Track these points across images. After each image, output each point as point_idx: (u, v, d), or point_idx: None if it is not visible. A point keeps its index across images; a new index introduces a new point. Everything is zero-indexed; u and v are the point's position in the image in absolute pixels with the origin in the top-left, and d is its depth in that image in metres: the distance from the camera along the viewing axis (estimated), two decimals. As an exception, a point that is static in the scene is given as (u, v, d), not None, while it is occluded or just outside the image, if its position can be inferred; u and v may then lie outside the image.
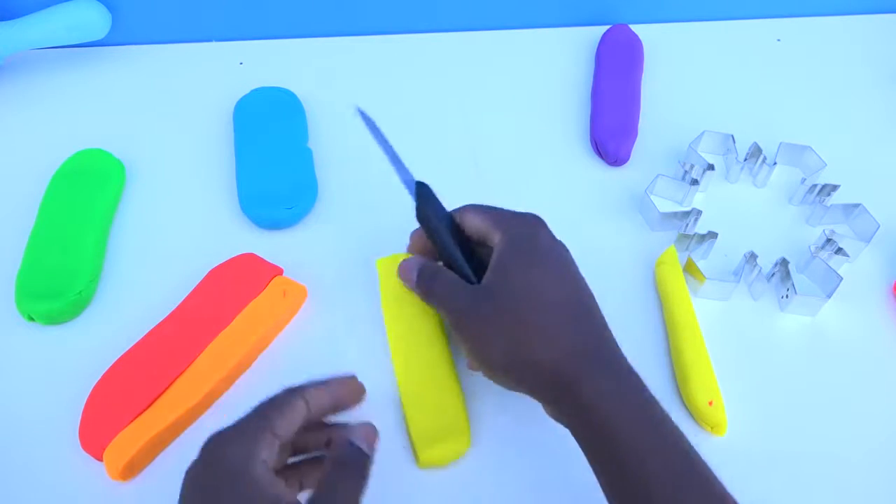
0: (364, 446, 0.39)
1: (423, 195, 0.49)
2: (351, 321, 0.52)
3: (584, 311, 0.44)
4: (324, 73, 0.67)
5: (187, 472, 0.37)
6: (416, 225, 0.50)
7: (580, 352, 0.42)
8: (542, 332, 0.42)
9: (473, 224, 0.47)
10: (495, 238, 0.46)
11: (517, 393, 0.44)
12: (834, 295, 0.52)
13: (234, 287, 0.51)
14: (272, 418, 0.37)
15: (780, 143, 0.60)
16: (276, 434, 0.37)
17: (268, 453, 0.36)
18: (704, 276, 0.53)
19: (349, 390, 0.42)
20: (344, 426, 0.40)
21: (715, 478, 0.39)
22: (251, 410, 0.38)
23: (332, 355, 0.51)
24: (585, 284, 0.45)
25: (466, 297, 0.44)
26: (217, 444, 0.37)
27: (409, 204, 0.59)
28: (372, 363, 0.50)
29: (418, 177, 0.51)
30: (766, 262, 0.54)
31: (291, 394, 0.39)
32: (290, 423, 0.38)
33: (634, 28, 0.69)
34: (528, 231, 0.46)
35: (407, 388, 0.48)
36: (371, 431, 0.40)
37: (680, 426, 0.47)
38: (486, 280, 0.44)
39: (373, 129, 0.50)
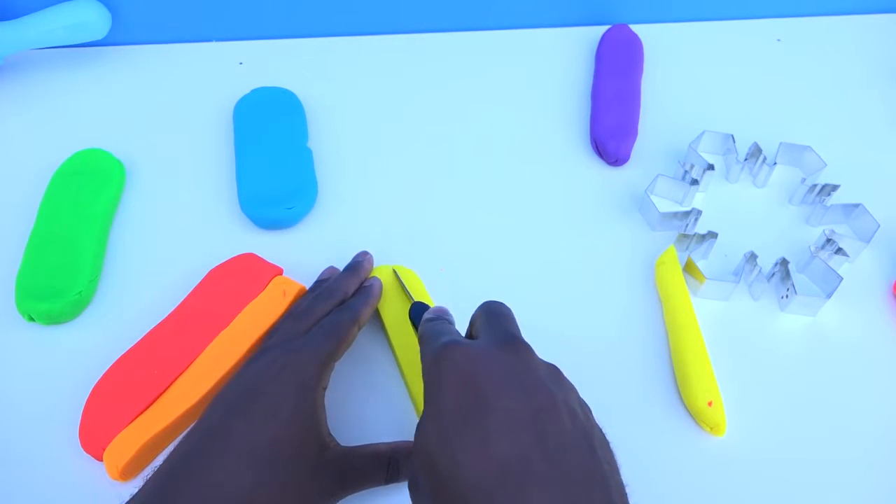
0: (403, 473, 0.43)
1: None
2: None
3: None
4: (324, 73, 0.67)
5: (256, 360, 0.42)
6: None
7: None
8: None
9: None
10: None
11: None
12: (834, 295, 0.52)
13: (234, 287, 0.51)
14: (333, 347, 0.43)
15: (780, 143, 0.60)
16: (335, 361, 0.43)
17: (327, 380, 0.42)
18: (704, 276, 0.53)
19: (377, 294, 0.49)
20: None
21: None
22: (322, 330, 0.44)
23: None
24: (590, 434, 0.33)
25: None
26: (300, 354, 0.42)
27: (407, 204, 0.59)
28: (372, 362, 0.50)
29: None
30: (766, 262, 0.54)
31: (353, 322, 0.45)
32: (343, 348, 0.44)
33: (634, 28, 0.69)
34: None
35: (417, 388, 0.47)
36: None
37: (680, 427, 0.48)
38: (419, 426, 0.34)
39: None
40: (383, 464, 0.42)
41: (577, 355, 0.51)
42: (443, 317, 0.42)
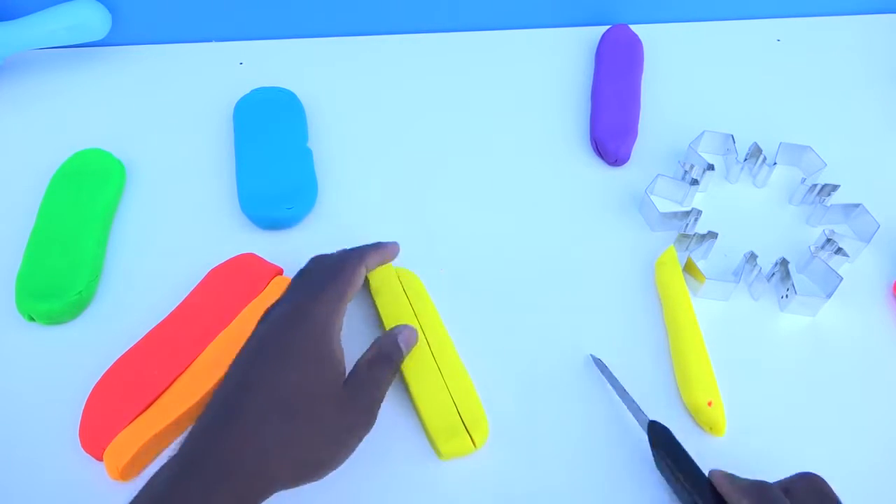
0: (403, 346, 0.46)
1: (660, 438, 0.45)
2: (350, 320, 0.52)
3: None
4: (324, 73, 0.67)
5: (271, 314, 0.43)
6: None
7: None
8: None
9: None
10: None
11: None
12: (834, 295, 0.52)
13: (234, 287, 0.51)
14: (345, 284, 0.44)
15: (780, 143, 0.60)
16: (347, 300, 0.44)
17: (341, 319, 0.43)
18: (704, 276, 0.53)
19: (392, 251, 0.50)
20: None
21: None
22: (330, 272, 0.45)
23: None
24: None
25: None
26: (308, 298, 0.43)
27: (407, 204, 0.59)
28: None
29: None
30: (766, 262, 0.54)
31: (358, 261, 0.46)
32: (354, 288, 0.45)
33: (634, 28, 0.69)
34: None
35: (417, 387, 0.47)
36: (412, 335, 0.47)
37: (679, 427, 0.48)
38: None
39: (604, 372, 0.49)
40: (384, 365, 0.44)
41: (578, 355, 0.51)
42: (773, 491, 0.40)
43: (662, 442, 0.44)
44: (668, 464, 0.44)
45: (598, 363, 0.49)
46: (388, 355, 0.45)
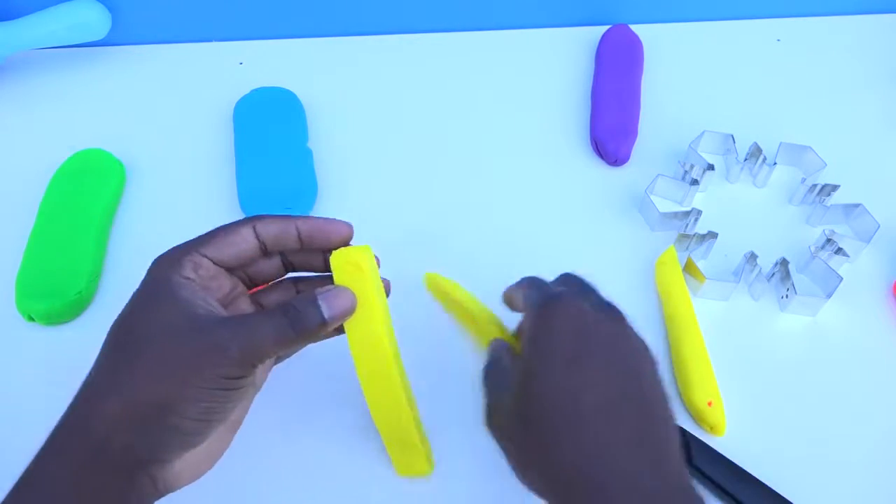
0: (325, 310, 0.37)
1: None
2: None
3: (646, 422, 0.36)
4: (324, 73, 0.67)
5: None
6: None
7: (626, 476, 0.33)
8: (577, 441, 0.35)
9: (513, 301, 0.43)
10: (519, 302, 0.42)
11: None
12: (834, 295, 0.52)
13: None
14: (202, 240, 0.39)
15: (780, 143, 0.60)
16: (206, 254, 0.38)
17: (192, 272, 0.37)
18: (704, 276, 0.53)
19: (321, 226, 0.40)
20: (327, 286, 0.38)
21: None
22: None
23: (330, 354, 0.50)
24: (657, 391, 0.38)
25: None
26: (152, 263, 0.38)
27: (407, 204, 0.59)
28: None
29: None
30: (766, 262, 0.54)
31: (239, 221, 0.40)
32: (226, 247, 0.38)
33: (634, 28, 0.69)
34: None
35: (376, 404, 0.42)
36: (344, 301, 0.37)
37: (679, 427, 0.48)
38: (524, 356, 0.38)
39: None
40: (278, 311, 0.36)
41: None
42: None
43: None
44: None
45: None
46: (293, 313, 0.36)
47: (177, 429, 0.34)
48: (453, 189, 0.60)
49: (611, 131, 0.61)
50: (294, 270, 0.43)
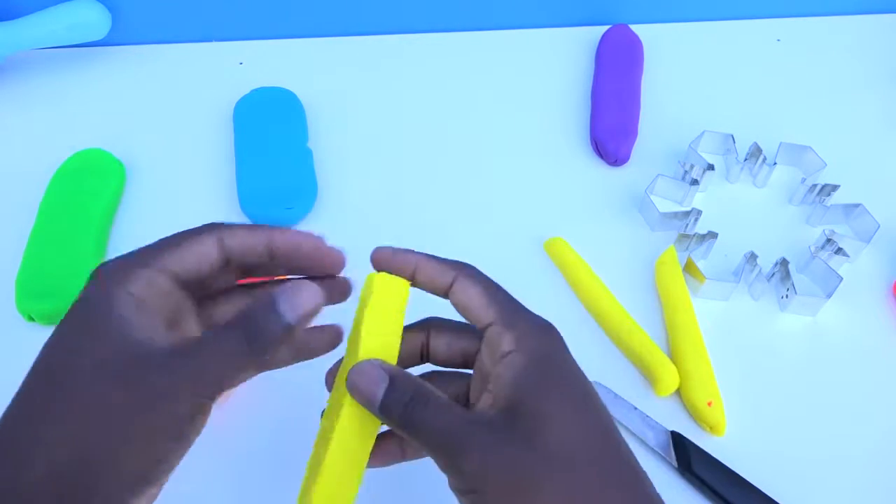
0: (289, 313, 0.31)
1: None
2: (349, 321, 0.52)
3: (629, 473, 0.31)
4: (324, 73, 0.67)
5: None
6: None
7: None
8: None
9: (467, 304, 0.36)
10: (504, 342, 0.33)
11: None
12: (834, 295, 0.52)
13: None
14: (160, 249, 0.33)
15: (780, 143, 0.60)
16: (166, 267, 0.32)
17: (145, 288, 0.31)
18: (704, 276, 0.53)
19: (296, 242, 0.35)
20: (289, 283, 0.32)
21: None
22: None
23: (330, 355, 0.50)
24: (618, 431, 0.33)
25: (481, 436, 0.30)
26: (92, 274, 0.32)
27: (407, 204, 0.59)
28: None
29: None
30: (766, 262, 0.54)
31: (202, 227, 0.34)
32: (188, 258, 0.33)
33: (634, 28, 0.69)
34: (549, 349, 0.34)
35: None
36: (309, 295, 0.31)
37: (680, 427, 0.48)
38: (504, 410, 0.31)
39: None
40: (229, 328, 0.31)
41: (577, 355, 0.51)
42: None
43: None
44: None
45: (604, 389, 0.48)
46: (248, 324, 0.30)
47: (116, 487, 0.28)
48: (453, 189, 0.60)
49: (611, 131, 0.61)
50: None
